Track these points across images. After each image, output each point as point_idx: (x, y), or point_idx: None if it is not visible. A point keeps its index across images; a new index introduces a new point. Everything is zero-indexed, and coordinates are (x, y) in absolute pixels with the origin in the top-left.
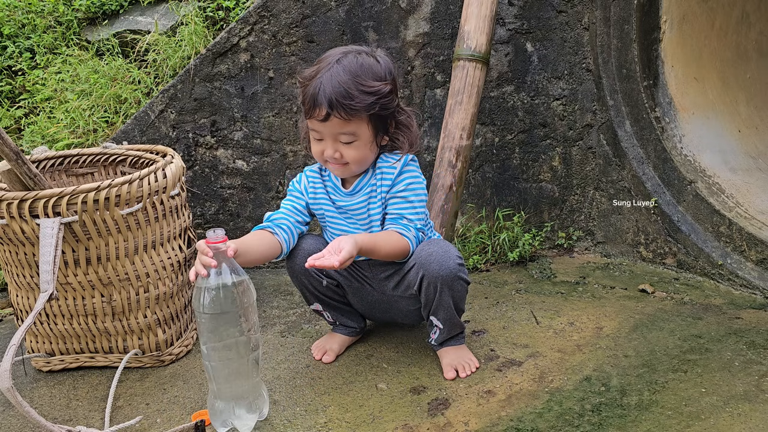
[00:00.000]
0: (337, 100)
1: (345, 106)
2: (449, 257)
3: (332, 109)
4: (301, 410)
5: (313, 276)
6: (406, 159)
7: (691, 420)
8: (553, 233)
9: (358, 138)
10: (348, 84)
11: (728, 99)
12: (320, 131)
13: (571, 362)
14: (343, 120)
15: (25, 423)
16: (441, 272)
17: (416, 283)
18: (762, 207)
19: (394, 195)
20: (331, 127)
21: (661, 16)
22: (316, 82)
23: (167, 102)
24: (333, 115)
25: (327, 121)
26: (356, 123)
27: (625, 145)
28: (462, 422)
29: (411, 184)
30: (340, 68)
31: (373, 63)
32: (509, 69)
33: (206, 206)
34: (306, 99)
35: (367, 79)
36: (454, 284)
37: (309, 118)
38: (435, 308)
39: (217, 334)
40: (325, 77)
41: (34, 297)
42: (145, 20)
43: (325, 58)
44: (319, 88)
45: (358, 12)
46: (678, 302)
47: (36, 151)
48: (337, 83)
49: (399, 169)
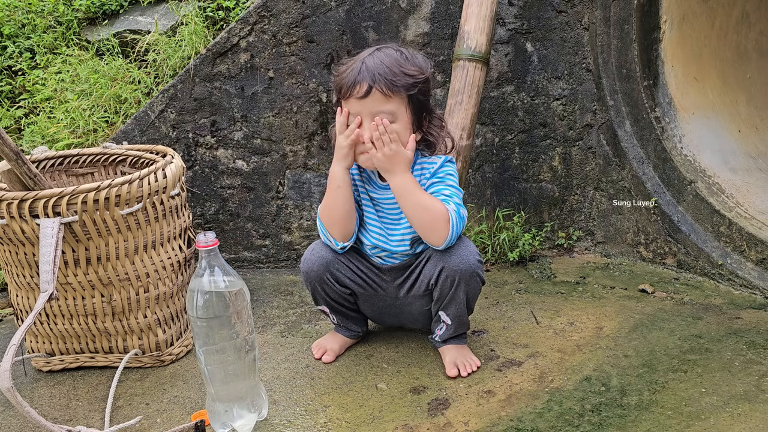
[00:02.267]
0: (379, 74)
1: (387, 80)
2: (470, 252)
3: (374, 83)
4: (301, 410)
5: (327, 282)
6: (446, 158)
7: (691, 420)
8: (553, 233)
9: (397, 119)
10: (391, 64)
11: (728, 99)
12: (359, 110)
13: (571, 362)
14: (384, 96)
15: (25, 423)
16: (461, 266)
17: (434, 275)
18: (762, 207)
19: (433, 183)
20: (372, 104)
21: (661, 16)
22: (357, 64)
23: (167, 102)
24: (375, 88)
25: (367, 96)
26: (396, 102)
27: (625, 145)
28: (462, 422)
29: (450, 175)
30: (382, 54)
31: (411, 55)
32: (509, 69)
33: (206, 206)
34: (346, 80)
35: (407, 65)
36: (471, 280)
37: (347, 98)
38: (447, 303)
39: (212, 337)
40: (367, 60)
41: (34, 297)
42: (145, 20)
43: (362, 52)
44: (361, 67)
45: (358, 12)
46: (678, 302)
47: (36, 151)
48: (379, 62)
49: (439, 165)
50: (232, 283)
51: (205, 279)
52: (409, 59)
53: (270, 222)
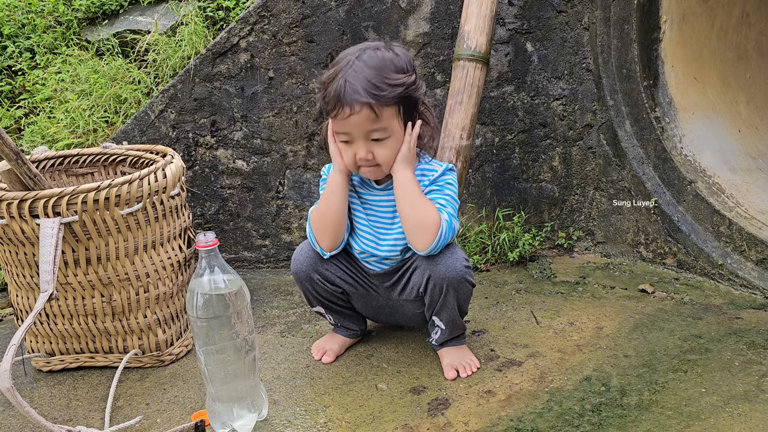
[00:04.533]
0: (366, 91)
1: (375, 97)
2: (456, 259)
3: (361, 104)
4: (301, 410)
5: (317, 282)
6: (447, 166)
7: (691, 420)
8: (553, 233)
9: (391, 134)
10: (373, 78)
11: (728, 99)
12: (349, 132)
13: (571, 362)
14: (374, 115)
15: (25, 423)
16: (447, 274)
17: (422, 284)
18: (762, 207)
19: (431, 190)
20: (361, 124)
21: (661, 16)
22: (339, 80)
23: (167, 102)
24: (363, 109)
25: (356, 117)
26: (387, 117)
27: (625, 145)
28: (462, 422)
29: (449, 185)
30: (362, 64)
31: (393, 56)
32: (509, 69)
33: (206, 206)
34: (329, 100)
35: (391, 73)
36: (460, 287)
37: (335, 119)
38: (439, 309)
39: (212, 337)
40: (348, 74)
41: (34, 297)
42: (145, 20)
43: (342, 58)
44: (344, 86)
45: (358, 12)
46: (678, 302)
47: (36, 151)
48: (362, 78)
49: (440, 173)
50: (232, 282)
51: (205, 279)
52: (392, 63)
53: (270, 222)
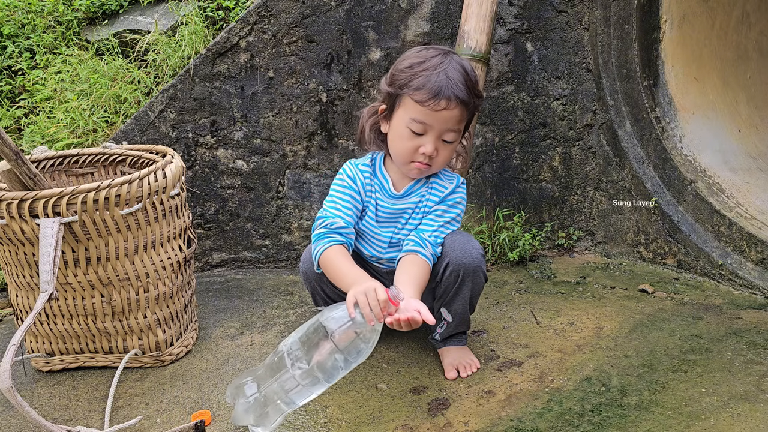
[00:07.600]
0: (461, 90)
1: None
2: (473, 247)
3: (458, 102)
4: (301, 410)
5: (325, 282)
6: (458, 180)
7: (691, 420)
8: (553, 233)
9: (456, 140)
10: (468, 82)
11: (728, 99)
12: (431, 124)
13: (571, 362)
14: (461, 115)
15: (25, 423)
16: (465, 260)
17: (438, 272)
18: (762, 207)
19: (439, 207)
20: (447, 120)
21: (661, 16)
22: (439, 75)
23: (167, 102)
24: (457, 107)
25: (447, 113)
26: (463, 122)
27: (625, 145)
28: (462, 422)
29: (458, 204)
30: (458, 66)
31: (471, 67)
32: (509, 69)
33: (206, 206)
34: (422, 88)
35: (475, 84)
36: (475, 276)
37: (423, 107)
38: (450, 299)
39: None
40: (449, 70)
41: (34, 297)
42: (145, 20)
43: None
44: (446, 80)
45: (358, 12)
46: (678, 302)
47: (36, 151)
48: (462, 77)
49: (450, 190)
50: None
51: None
52: (473, 75)
53: (270, 222)
